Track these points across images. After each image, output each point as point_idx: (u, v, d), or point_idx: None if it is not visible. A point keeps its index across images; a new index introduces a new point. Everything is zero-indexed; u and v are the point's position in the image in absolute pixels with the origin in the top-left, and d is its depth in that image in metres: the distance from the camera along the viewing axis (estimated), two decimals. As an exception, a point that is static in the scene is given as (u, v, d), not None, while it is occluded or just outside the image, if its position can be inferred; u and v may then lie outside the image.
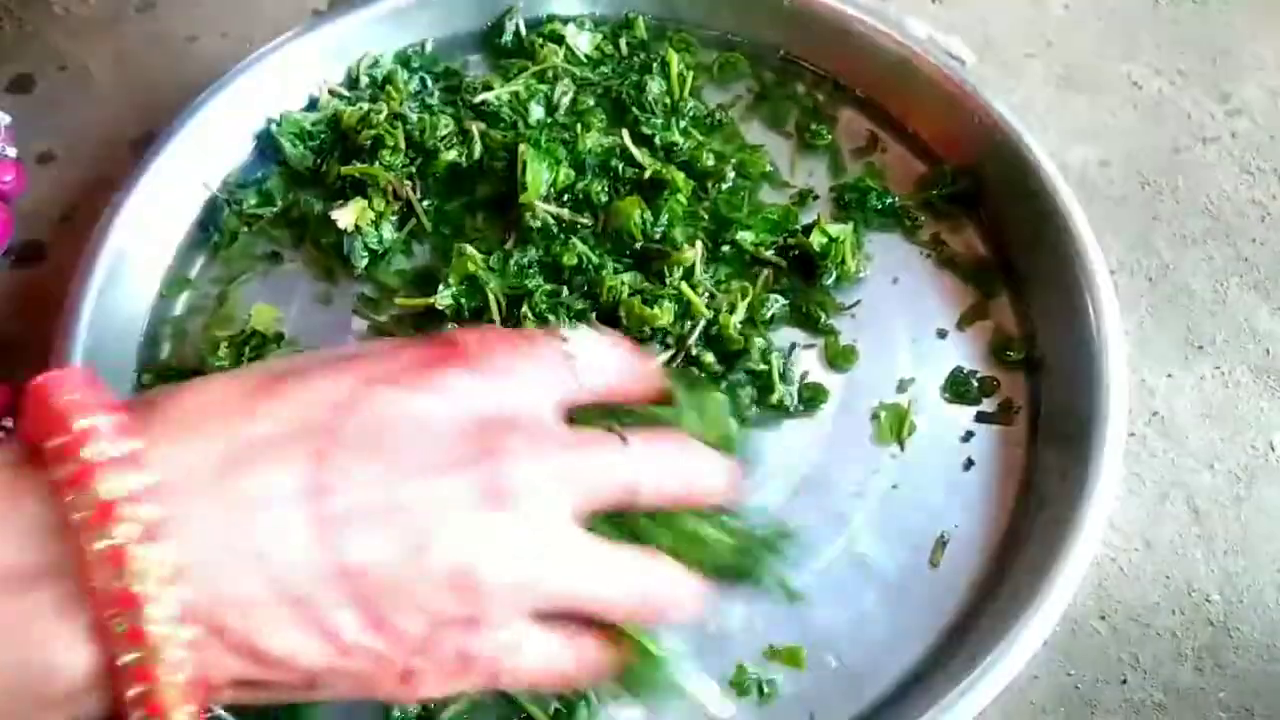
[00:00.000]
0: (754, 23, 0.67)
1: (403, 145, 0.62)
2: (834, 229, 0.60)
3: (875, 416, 0.57)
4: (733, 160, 0.63)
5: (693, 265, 0.58)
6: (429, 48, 0.68)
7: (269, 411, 0.30)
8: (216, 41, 0.73)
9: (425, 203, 0.62)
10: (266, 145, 0.65)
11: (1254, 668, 0.54)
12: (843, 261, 0.59)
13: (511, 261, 0.58)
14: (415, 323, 0.59)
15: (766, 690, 0.50)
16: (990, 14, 0.74)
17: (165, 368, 0.59)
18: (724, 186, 0.62)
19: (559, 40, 0.68)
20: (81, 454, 0.27)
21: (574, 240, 0.59)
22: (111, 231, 0.58)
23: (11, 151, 0.66)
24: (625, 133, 0.62)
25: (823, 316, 0.59)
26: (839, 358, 0.58)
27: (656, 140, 0.63)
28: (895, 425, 0.57)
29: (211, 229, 0.62)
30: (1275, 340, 0.62)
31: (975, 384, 0.58)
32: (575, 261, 0.58)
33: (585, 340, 0.36)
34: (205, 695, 0.29)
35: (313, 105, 0.66)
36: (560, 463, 0.33)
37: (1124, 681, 0.53)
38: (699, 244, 0.59)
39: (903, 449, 0.56)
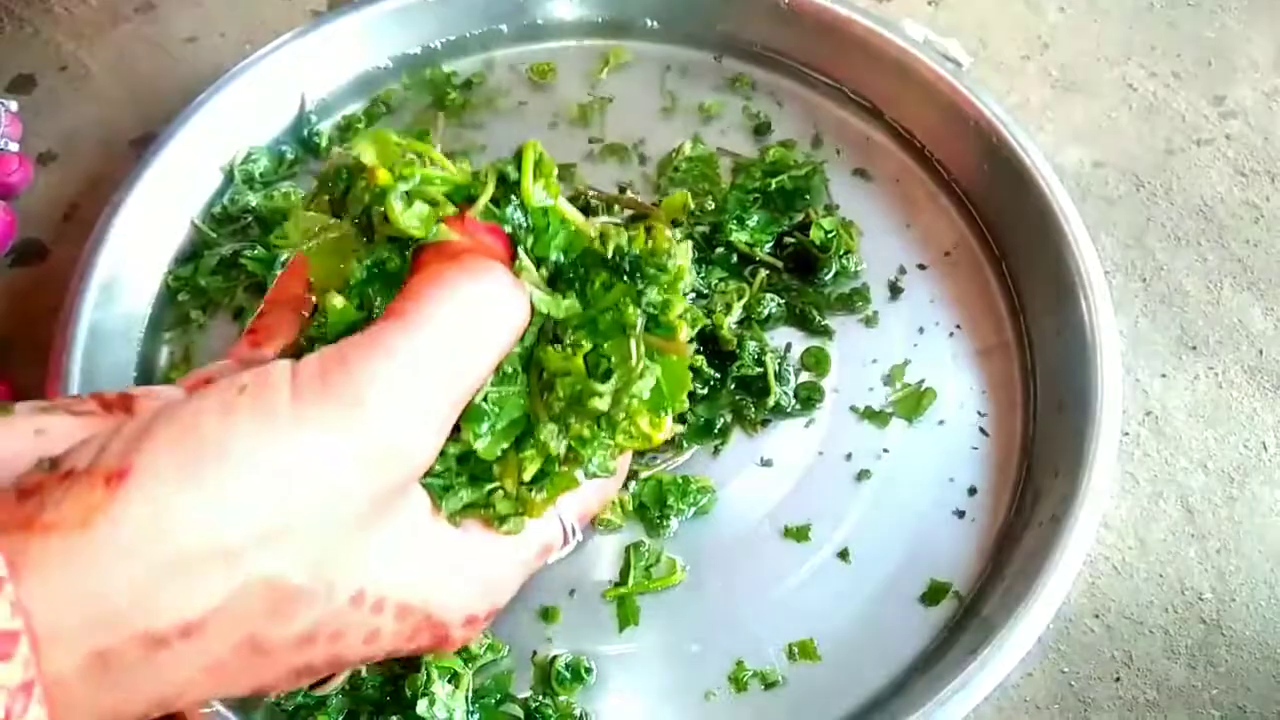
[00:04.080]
0: (750, 24, 0.67)
1: None
2: (828, 222, 0.60)
3: (872, 417, 0.57)
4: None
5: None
6: (433, 46, 0.69)
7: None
8: (216, 42, 0.73)
9: None
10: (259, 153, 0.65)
11: (1246, 665, 0.54)
12: (846, 252, 0.60)
13: None
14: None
15: (766, 686, 0.51)
16: (986, 17, 0.74)
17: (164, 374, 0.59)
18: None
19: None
20: None
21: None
22: (112, 230, 0.58)
23: (14, 146, 0.66)
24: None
25: (818, 317, 0.59)
26: (816, 362, 0.59)
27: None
28: (892, 423, 0.57)
29: (210, 229, 0.63)
30: (1268, 341, 0.62)
31: (969, 383, 0.58)
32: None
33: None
34: None
35: (301, 123, 0.66)
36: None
37: (1117, 679, 0.54)
38: (688, 244, 0.59)
39: (898, 448, 0.57)
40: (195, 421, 0.26)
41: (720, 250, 0.60)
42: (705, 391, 0.57)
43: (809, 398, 0.57)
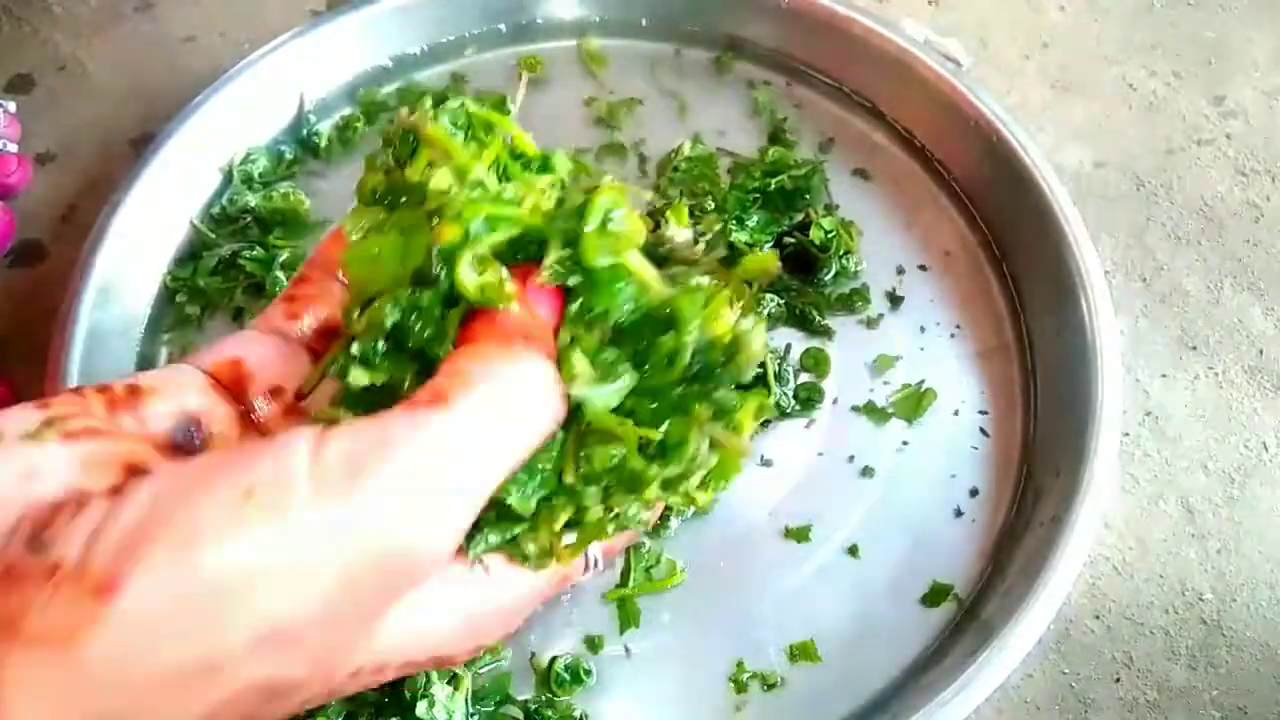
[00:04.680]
0: (751, 24, 0.67)
1: None
2: (828, 222, 0.60)
3: (872, 417, 0.57)
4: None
5: None
6: (424, 50, 0.69)
7: None
8: (215, 41, 0.73)
9: None
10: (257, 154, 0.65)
11: (1246, 666, 0.54)
12: (846, 253, 0.60)
13: None
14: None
15: (766, 687, 0.51)
16: (986, 16, 0.74)
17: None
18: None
19: None
20: None
21: None
22: (110, 231, 0.58)
23: (13, 147, 0.66)
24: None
25: (818, 317, 0.59)
26: (815, 364, 0.58)
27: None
28: (893, 424, 0.57)
29: (210, 228, 0.63)
30: (1268, 341, 0.62)
31: (970, 384, 0.58)
32: None
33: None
34: None
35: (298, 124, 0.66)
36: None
37: (1117, 680, 0.54)
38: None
39: (898, 449, 0.57)
40: (196, 531, 0.24)
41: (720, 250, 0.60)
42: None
43: (809, 398, 0.57)
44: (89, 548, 0.24)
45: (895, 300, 0.61)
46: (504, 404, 0.28)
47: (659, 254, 0.32)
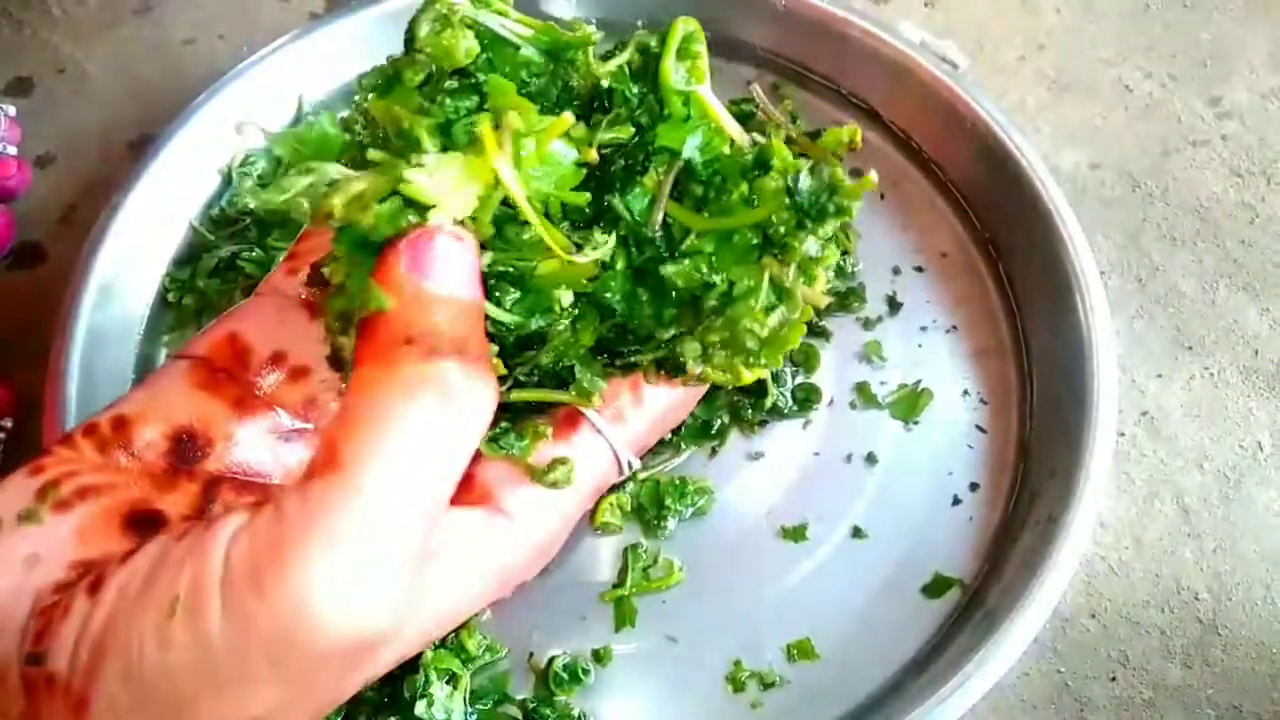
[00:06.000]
0: (749, 26, 0.68)
1: None
2: None
3: (868, 417, 0.58)
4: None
5: None
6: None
7: None
8: (214, 44, 0.73)
9: None
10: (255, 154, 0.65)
11: (1241, 665, 0.54)
12: (843, 253, 0.60)
13: None
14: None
15: (764, 687, 0.51)
16: (983, 18, 0.74)
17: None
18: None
19: None
20: None
21: None
22: (110, 233, 0.58)
23: (12, 150, 0.66)
24: None
25: (815, 318, 0.59)
26: (805, 359, 0.59)
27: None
28: (889, 424, 0.57)
29: (209, 228, 0.63)
30: (1264, 341, 0.62)
31: (966, 384, 0.59)
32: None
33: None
34: None
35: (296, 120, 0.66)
36: None
37: (1113, 679, 0.54)
38: None
39: (894, 448, 0.57)
40: (136, 648, 0.25)
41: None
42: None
43: (806, 398, 0.58)
44: (71, 660, 0.26)
45: (892, 301, 0.61)
46: (408, 450, 0.25)
47: (740, 111, 0.32)
